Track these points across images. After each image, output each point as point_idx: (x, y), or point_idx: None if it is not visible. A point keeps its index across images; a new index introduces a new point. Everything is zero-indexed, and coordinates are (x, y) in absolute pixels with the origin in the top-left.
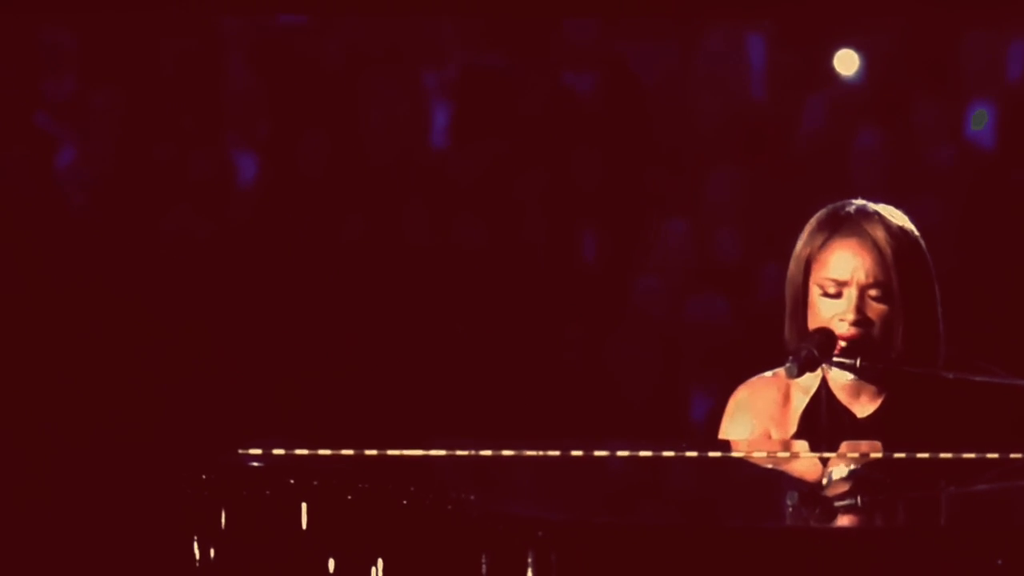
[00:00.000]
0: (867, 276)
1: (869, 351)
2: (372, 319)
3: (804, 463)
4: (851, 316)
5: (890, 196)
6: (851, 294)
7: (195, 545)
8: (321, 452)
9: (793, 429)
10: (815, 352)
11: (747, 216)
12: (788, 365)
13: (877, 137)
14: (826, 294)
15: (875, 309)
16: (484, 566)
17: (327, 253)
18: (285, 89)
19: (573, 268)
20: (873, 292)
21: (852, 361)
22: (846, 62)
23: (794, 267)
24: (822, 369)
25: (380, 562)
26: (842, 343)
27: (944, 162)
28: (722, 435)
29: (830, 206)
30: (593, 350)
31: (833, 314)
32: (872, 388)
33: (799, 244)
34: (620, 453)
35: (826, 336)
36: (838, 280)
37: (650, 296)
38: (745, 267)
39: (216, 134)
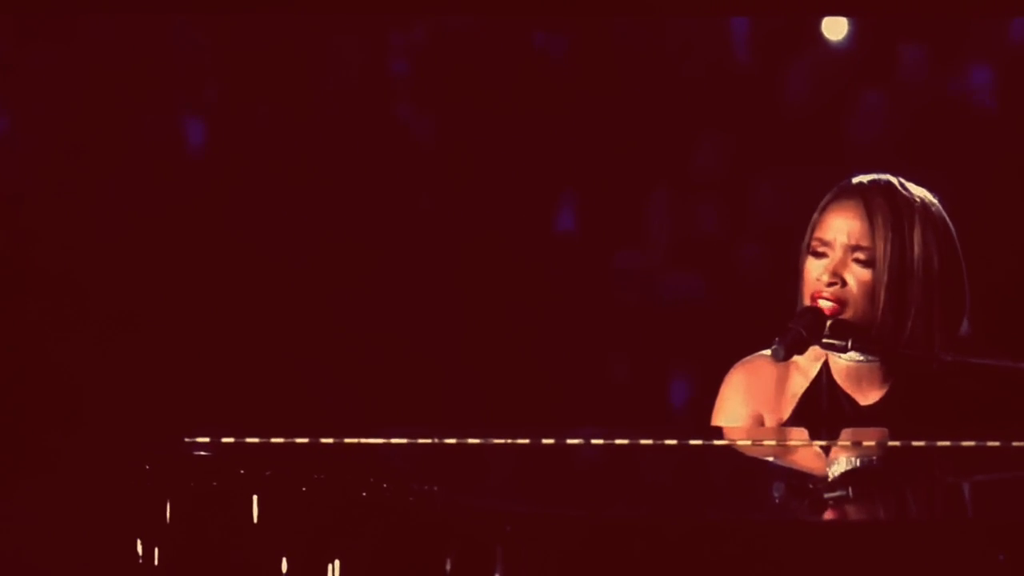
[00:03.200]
0: (850, 238)
1: (849, 318)
2: (327, 295)
3: (799, 451)
4: (825, 277)
5: (887, 165)
6: (833, 255)
7: (138, 541)
8: (274, 440)
9: (787, 414)
10: (803, 332)
11: (731, 190)
12: (774, 347)
13: (872, 103)
14: (813, 253)
15: (857, 274)
16: (449, 562)
17: (280, 226)
18: (236, 50)
19: (546, 241)
20: (859, 256)
21: (843, 342)
22: (834, 28)
23: (804, 239)
24: (825, 353)
25: (338, 559)
26: (822, 304)
27: (943, 129)
28: (715, 416)
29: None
30: (566, 329)
31: (815, 276)
32: (877, 375)
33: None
34: (595, 441)
35: (815, 316)
36: (823, 239)
37: (627, 272)
38: (729, 244)
39: (162, 98)
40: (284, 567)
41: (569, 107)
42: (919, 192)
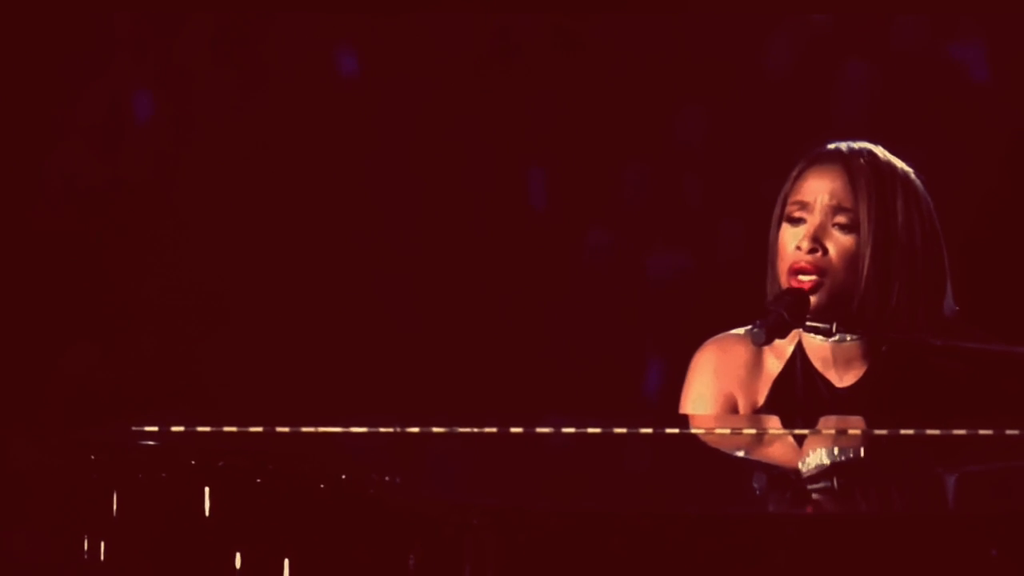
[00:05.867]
0: (831, 198)
1: (828, 290)
2: (283, 278)
3: (776, 440)
4: (805, 244)
5: (874, 135)
6: (812, 219)
7: (83, 536)
8: (226, 429)
9: (763, 397)
10: (785, 315)
11: (710, 163)
12: (754, 330)
13: (858, 72)
14: (789, 219)
15: (839, 241)
16: (413, 558)
17: (230, 201)
18: (182, 20)
19: (514, 219)
20: (839, 219)
21: (827, 325)
22: None
23: (775, 211)
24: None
25: (294, 554)
26: (801, 277)
27: (932, 99)
28: (683, 398)
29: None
30: (535, 312)
31: (792, 244)
32: (854, 356)
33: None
34: (566, 430)
35: (797, 297)
36: (801, 202)
37: (600, 251)
38: (708, 219)
39: (108, 69)
40: (237, 562)
41: (538, 80)
42: (898, 162)
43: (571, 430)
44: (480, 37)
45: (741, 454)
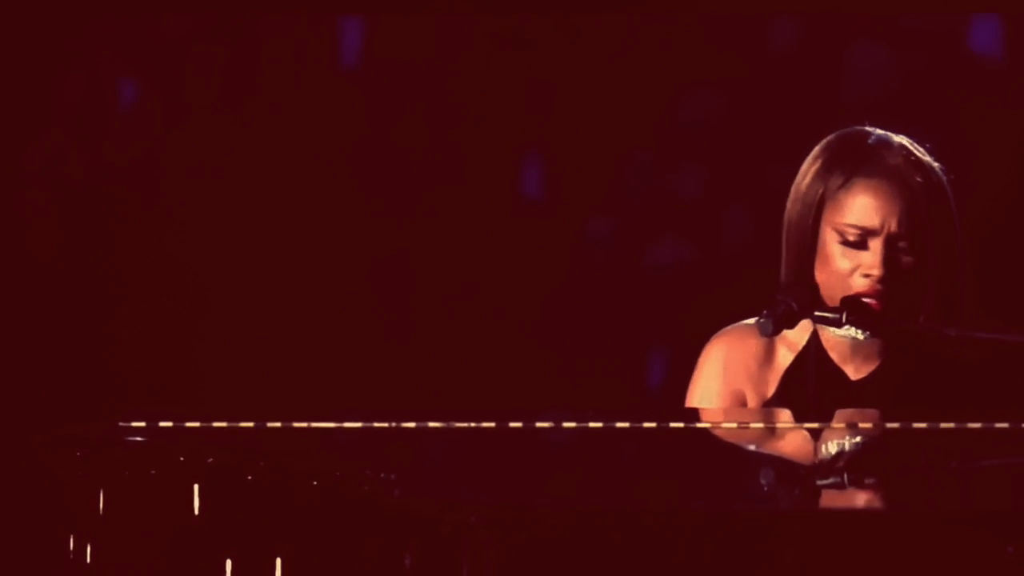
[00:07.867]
0: (899, 225)
1: (896, 311)
2: (273, 265)
3: (788, 434)
4: (877, 271)
5: (884, 121)
6: (878, 245)
7: (69, 535)
8: (216, 425)
9: (772, 390)
10: (794, 305)
11: (715, 148)
12: (762, 321)
13: (864, 54)
14: (847, 242)
15: (901, 263)
16: (408, 557)
17: (217, 192)
18: (167, 6)
19: (510, 208)
20: (902, 244)
21: (837, 316)
22: None
23: (799, 207)
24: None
25: (286, 553)
26: (867, 301)
27: (944, 81)
28: (691, 392)
29: (840, 133)
30: (534, 304)
31: (854, 266)
32: (870, 347)
33: (805, 180)
34: (566, 424)
35: (807, 287)
36: (866, 228)
37: (601, 240)
38: (711, 206)
39: (92, 55)
40: (228, 562)
41: (538, 67)
42: (927, 158)
43: (572, 424)
44: (478, 26)
45: (752, 448)
